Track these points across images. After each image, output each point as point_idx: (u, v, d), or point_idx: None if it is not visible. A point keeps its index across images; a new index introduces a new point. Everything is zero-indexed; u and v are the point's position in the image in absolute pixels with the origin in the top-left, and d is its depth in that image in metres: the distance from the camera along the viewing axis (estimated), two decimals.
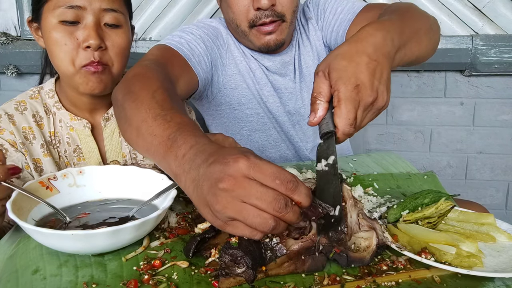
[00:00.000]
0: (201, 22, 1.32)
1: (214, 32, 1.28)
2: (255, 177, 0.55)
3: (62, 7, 1.00)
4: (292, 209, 0.55)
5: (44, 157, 1.07)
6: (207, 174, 0.57)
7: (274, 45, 1.23)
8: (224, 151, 0.58)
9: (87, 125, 1.13)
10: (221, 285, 0.62)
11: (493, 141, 2.04)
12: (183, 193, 0.85)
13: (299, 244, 0.65)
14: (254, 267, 0.62)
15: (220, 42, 1.29)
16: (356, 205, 0.74)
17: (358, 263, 0.67)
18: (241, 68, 1.31)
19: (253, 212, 0.54)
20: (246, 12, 1.19)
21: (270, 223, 0.55)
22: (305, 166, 1.12)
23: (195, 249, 0.68)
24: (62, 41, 1.01)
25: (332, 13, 1.30)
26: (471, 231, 0.79)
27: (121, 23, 1.06)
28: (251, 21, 1.20)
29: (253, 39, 1.23)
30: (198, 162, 0.59)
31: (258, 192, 0.54)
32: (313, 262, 0.66)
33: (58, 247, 0.68)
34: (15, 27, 1.92)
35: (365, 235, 0.70)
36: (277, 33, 1.22)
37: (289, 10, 1.20)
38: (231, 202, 0.55)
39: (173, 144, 0.64)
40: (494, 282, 0.65)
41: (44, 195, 0.79)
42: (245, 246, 0.62)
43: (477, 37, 1.83)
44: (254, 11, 1.18)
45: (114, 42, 1.05)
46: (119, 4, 1.06)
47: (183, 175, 0.61)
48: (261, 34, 1.22)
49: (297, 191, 0.55)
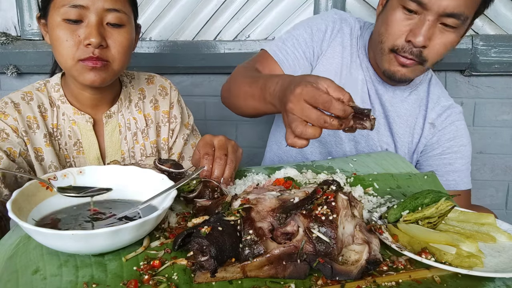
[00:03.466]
0: (324, 15, 1.42)
1: (323, 27, 1.37)
2: (307, 101, 0.80)
3: (67, 5, 1.02)
4: (331, 120, 0.78)
5: (46, 147, 1.11)
6: (282, 99, 0.89)
7: (399, 78, 1.26)
8: (293, 79, 0.88)
9: (89, 120, 1.17)
10: (197, 279, 0.62)
11: (493, 141, 2.04)
12: (183, 193, 0.85)
13: (281, 249, 0.65)
14: (220, 258, 0.62)
15: (331, 31, 1.37)
16: (355, 217, 0.72)
17: (343, 276, 0.64)
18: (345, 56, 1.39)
19: (303, 125, 0.81)
20: (398, 36, 1.21)
21: (316, 132, 0.81)
22: (305, 167, 1.12)
23: (181, 242, 0.68)
24: (64, 37, 1.04)
25: (448, 160, 1.36)
26: (471, 231, 0.79)
27: (123, 22, 1.08)
28: (395, 48, 1.22)
29: (385, 62, 1.26)
30: (278, 93, 0.93)
31: (306, 112, 0.80)
32: (295, 269, 0.65)
33: (58, 247, 0.68)
34: (15, 27, 1.92)
35: (357, 249, 0.68)
36: (409, 70, 1.24)
37: (432, 60, 1.22)
38: (292, 119, 0.82)
39: (265, 87, 1.02)
40: (494, 282, 0.65)
41: (44, 195, 0.79)
42: (214, 237, 0.63)
43: (477, 37, 1.83)
44: (404, 41, 1.20)
45: (116, 40, 1.07)
46: (122, 4, 1.08)
47: (276, 101, 0.95)
48: (395, 61, 1.23)
49: (331, 107, 0.78)
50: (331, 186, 0.74)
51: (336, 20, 1.39)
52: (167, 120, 1.32)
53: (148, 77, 1.34)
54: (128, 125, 1.25)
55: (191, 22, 1.90)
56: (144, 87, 1.31)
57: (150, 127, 1.29)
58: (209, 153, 0.95)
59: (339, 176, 1.04)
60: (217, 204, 0.79)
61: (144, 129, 1.28)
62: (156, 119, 1.31)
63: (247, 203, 0.73)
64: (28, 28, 1.88)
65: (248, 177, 1.02)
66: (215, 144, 0.97)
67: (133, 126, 1.26)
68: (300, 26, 1.39)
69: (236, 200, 0.75)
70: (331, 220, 0.67)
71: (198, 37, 1.92)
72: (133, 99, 1.28)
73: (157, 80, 1.35)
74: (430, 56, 1.21)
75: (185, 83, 2.02)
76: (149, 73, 1.36)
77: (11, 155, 1.04)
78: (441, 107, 1.39)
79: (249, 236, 0.66)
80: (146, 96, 1.30)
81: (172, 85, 1.37)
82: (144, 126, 1.28)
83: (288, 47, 1.35)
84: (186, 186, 0.85)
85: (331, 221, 0.67)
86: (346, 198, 0.72)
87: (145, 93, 1.31)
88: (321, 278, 0.64)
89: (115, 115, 1.23)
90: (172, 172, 0.87)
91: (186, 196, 0.86)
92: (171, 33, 1.92)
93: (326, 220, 0.67)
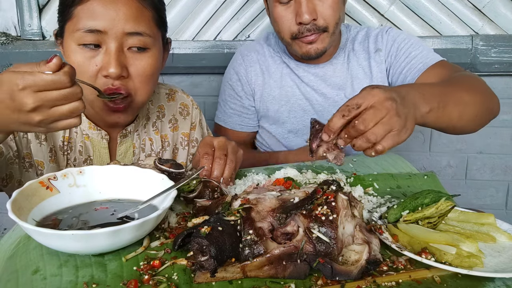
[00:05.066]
0: (228, 72, 1.55)
1: (240, 74, 1.50)
2: None
3: (81, 30, 0.91)
4: None
5: (50, 163, 1.04)
6: None
7: (314, 53, 1.32)
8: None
9: (105, 137, 1.07)
10: (197, 279, 0.62)
11: (493, 141, 2.04)
12: (183, 193, 0.85)
13: (281, 249, 0.65)
14: (220, 258, 0.62)
15: (252, 71, 1.49)
16: (355, 217, 0.72)
17: (343, 276, 0.64)
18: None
19: None
20: (289, 27, 1.29)
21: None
22: (305, 167, 1.12)
23: (181, 242, 0.68)
24: (80, 68, 0.91)
25: (405, 55, 1.35)
26: (471, 231, 0.79)
27: (148, 46, 0.96)
28: (294, 34, 1.29)
29: (296, 49, 1.33)
30: None
31: None
32: (295, 269, 0.65)
33: (58, 247, 0.68)
34: (15, 27, 1.92)
35: (357, 249, 0.68)
36: (318, 43, 1.30)
37: (331, 23, 1.28)
38: None
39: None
40: (494, 282, 0.65)
41: (44, 195, 0.79)
42: (214, 236, 0.63)
43: (477, 37, 1.83)
44: (296, 25, 1.28)
45: (138, 68, 0.95)
46: (146, 26, 0.95)
47: None
48: (302, 43, 1.31)
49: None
50: (331, 186, 0.74)
51: (241, 63, 1.51)
52: (186, 143, 1.23)
53: (169, 92, 1.24)
54: (143, 146, 1.16)
55: (191, 22, 1.90)
56: (164, 104, 1.21)
57: (166, 150, 1.20)
58: (209, 153, 0.95)
59: (339, 176, 1.04)
60: (217, 204, 0.79)
61: (160, 151, 1.19)
62: (173, 141, 1.22)
63: (247, 203, 0.73)
64: (28, 28, 1.88)
65: (248, 177, 1.02)
66: (215, 144, 0.97)
67: (147, 148, 1.17)
68: (225, 87, 1.55)
69: (236, 200, 0.75)
70: (331, 220, 0.67)
71: (198, 37, 1.92)
72: (151, 117, 1.18)
73: (178, 97, 1.25)
74: (327, 22, 1.27)
75: (185, 83, 2.02)
76: (170, 86, 1.26)
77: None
78: (373, 36, 1.43)
79: (249, 236, 0.66)
80: (165, 115, 1.20)
81: (194, 102, 1.28)
82: (160, 148, 1.19)
83: (228, 110, 1.54)
84: (186, 186, 0.85)
85: (331, 221, 0.67)
86: (346, 198, 0.72)
87: (165, 111, 1.21)
88: (321, 278, 0.64)
89: (130, 134, 1.13)
90: (172, 172, 0.87)
91: (186, 196, 0.86)
92: (171, 33, 1.92)
93: (326, 220, 0.67)
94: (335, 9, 1.27)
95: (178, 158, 1.23)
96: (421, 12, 1.86)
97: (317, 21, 1.26)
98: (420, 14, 1.86)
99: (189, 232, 0.68)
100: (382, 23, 1.87)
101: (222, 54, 1.88)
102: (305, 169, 1.08)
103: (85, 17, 0.91)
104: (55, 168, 1.04)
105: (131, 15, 0.92)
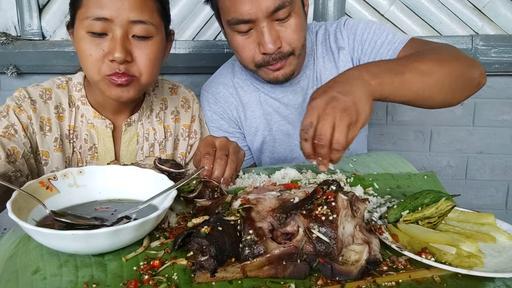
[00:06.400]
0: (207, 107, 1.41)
1: (218, 113, 1.40)
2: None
3: (90, 18, 0.98)
4: None
5: (55, 152, 1.08)
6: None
7: (283, 78, 1.24)
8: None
9: (109, 125, 1.13)
10: (197, 279, 0.62)
11: (493, 141, 2.04)
12: (183, 193, 0.85)
13: (281, 249, 0.65)
14: (220, 258, 0.62)
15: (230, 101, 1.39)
16: (355, 217, 0.72)
17: (343, 276, 0.64)
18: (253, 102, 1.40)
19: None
20: (252, 56, 1.20)
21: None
22: (305, 167, 1.12)
23: (181, 242, 0.68)
24: (88, 52, 1.00)
25: (371, 46, 1.27)
26: (471, 231, 0.79)
27: (151, 34, 1.03)
28: (258, 63, 1.20)
29: (262, 75, 1.25)
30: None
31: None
32: (295, 269, 0.65)
33: (58, 247, 0.68)
34: (15, 27, 1.92)
35: (357, 249, 0.68)
36: (286, 67, 1.22)
37: (297, 46, 1.20)
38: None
39: None
40: (494, 282, 0.65)
41: (44, 195, 0.79)
42: (214, 236, 0.63)
43: (477, 37, 1.83)
44: (260, 55, 1.18)
45: (142, 54, 1.02)
46: (150, 15, 1.02)
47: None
48: (269, 70, 1.23)
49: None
50: (331, 186, 0.74)
51: (215, 101, 1.40)
52: (187, 134, 1.30)
53: (172, 86, 1.31)
54: (147, 135, 1.22)
55: (191, 22, 1.90)
56: (167, 97, 1.29)
57: (168, 140, 1.27)
58: (210, 153, 0.95)
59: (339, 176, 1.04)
60: (217, 204, 0.79)
61: (162, 141, 1.25)
62: (175, 131, 1.29)
63: (247, 203, 0.73)
64: (28, 28, 1.88)
65: (248, 177, 1.02)
66: (217, 144, 0.97)
67: (151, 137, 1.23)
68: (211, 131, 1.40)
69: (236, 200, 0.76)
70: (331, 220, 0.67)
71: (198, 37, 1.92)
72: (155, 108, 1.25)
73: (181, 92, 1.32)
74: (292, 46, 1.18)
75: (185, 83, 2.01)
76: (173, 82, 1.33)
77: (13, 155, 1.00)
78: (332, 33, 1.35)
79: (249, 236, 0.66)
80: (168, 107, 1.28)
81: (195, 97, 1.35)
82: (163, 138, 1.25)
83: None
84: (186, 186, 0.85)
85: (331, 221, 0.67)
86: (346, 198, 0.72)
87: (167, 103, 1.28)
88: (321, 278, 0.64)
89: (135, 123, 1.20)
90: (172, 172, 0.87)
91: (186, 196, 0.86)
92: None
93: (326, 220, 0.67)
94: (299, 31, 1.17)
95: (179, 148, 1.29)
96: (421, 12, 1.86)
97: (282, 48, 1.17)
98: (420, 14, 1.86)
99: (189, 232, 0.68)
100: (382, 23, 1.87)
101: (222, 54, 1.88)
102: (305, 169, 1.08)
103: (93, 6, 0.98)
104: (60, 156, 1.08)
105: (135, 5, 0.99)
